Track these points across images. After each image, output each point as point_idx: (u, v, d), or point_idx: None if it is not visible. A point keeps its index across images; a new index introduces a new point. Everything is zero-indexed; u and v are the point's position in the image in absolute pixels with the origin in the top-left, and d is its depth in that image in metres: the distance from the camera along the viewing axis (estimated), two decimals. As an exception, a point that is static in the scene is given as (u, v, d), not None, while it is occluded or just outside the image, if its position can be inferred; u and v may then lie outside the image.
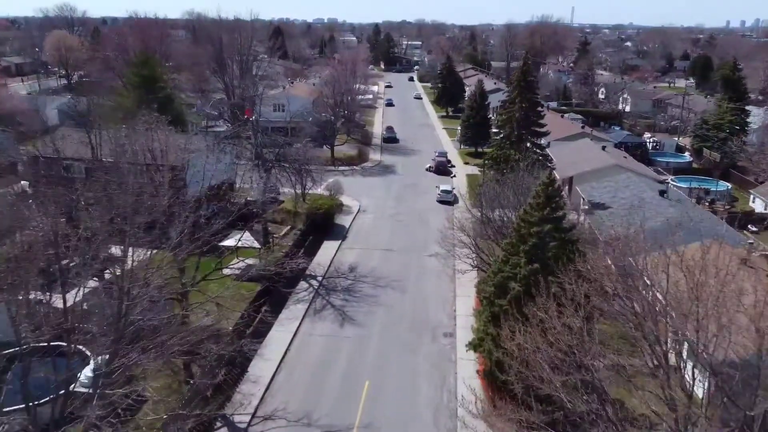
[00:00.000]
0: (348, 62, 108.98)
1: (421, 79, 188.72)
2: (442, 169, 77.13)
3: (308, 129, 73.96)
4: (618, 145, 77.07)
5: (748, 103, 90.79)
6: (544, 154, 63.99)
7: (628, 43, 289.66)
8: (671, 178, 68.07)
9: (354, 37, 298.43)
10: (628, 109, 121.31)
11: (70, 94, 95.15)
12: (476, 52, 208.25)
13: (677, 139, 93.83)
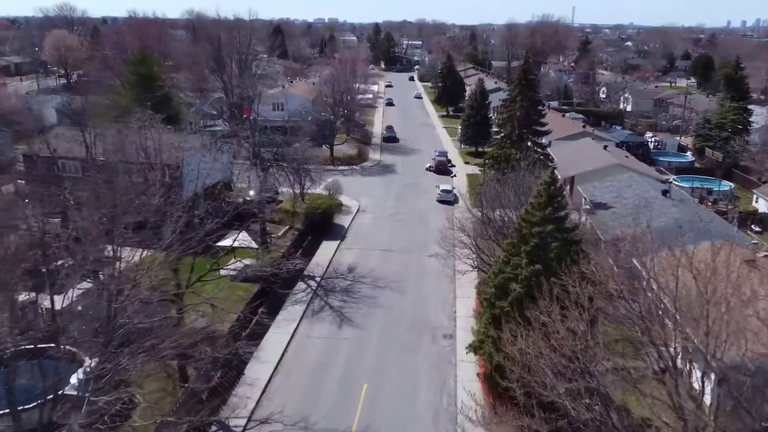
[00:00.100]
0: (348, 61, 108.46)
1: (422, 79, 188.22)
2: (443, 168, 76.61)
3: (307, 128, 73.41)
4: (620, 145, 76.47)
5: (750, 103, 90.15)
6: (545, 153, 63.41)
7: (629, 43, 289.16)
8: (673, 178, 67.48)
9: (354, 37, 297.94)
10: (629, 108, 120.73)
11: (68, 94, 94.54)
12: (477, 52, 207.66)
13: (679, 139, 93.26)
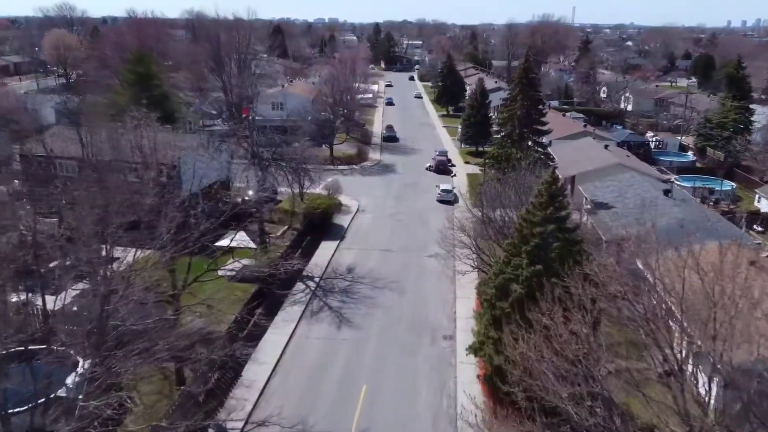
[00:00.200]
0: (348, 61, 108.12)
1: (422, 79, 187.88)
2: (443, 168, 76.24)
3: (307, 128, 73.08)
4: (620, 144, 76.07)
5: (751, 102, 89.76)
6: (546, 152, 63.05)
7: (630, 43, 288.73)
8: (674, 178, 67.09)
9: (354, 37, 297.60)
10: (630, 108, 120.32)
11: (67, 93, 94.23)
12: (477, 52, 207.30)
13: (680, 138, 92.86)
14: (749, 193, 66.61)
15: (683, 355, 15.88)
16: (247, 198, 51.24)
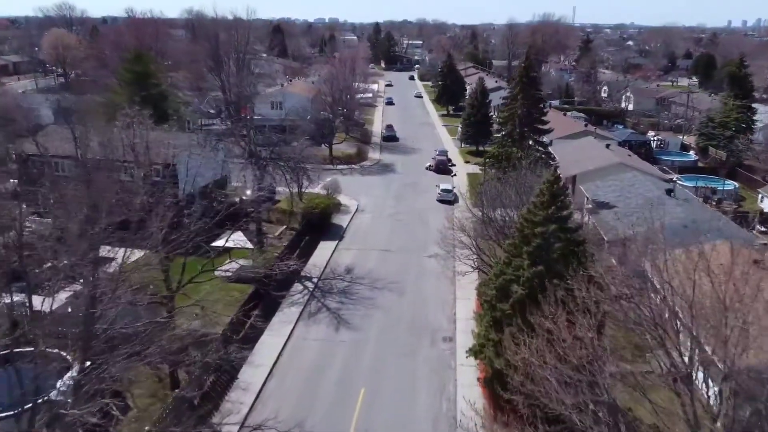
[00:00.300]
0: (347, 60, 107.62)
1: (422, 78, 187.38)
2: (443, 167, 75.69)
3: (306, 127, 72.53)
4: (622, 144, 75.60)
5: (753, 101, 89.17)
6: (547, 152, 62.48)
7: (630, 42, 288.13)
8: (676, 177, 66.52)
9: (354, 36, 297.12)
10: (631, 107, 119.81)
11: (65, 92, 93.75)
12: (477, 51, 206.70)
13: (682, 138, 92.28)
14: (752, 193, 66.05)
15: (693, 361, 15.30)
16: (244, 198, 50.67)
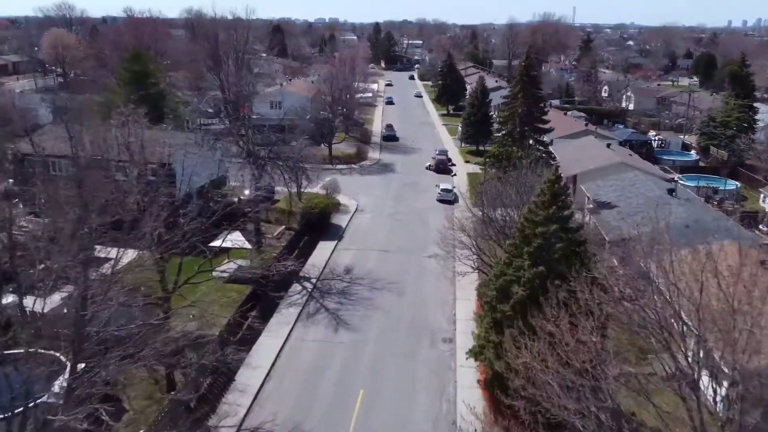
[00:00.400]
0: (347, 60, 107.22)
1: (422, 78, 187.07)
2: (443, 167, 75.31)
3: (305, 126, 72.13)
4: (623, 143, 75.26)
5: (755, 100, 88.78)
6: (548, 151, 62.14)
7: (630, 42, 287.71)
8: (677, 177, 66.14)
9: (354, 36, 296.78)
10: (631, 107, 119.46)
11: (65, 92, 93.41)
12: (477, 51, 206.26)
13: (683, 137, 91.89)
14: (754, 193, 65.70)
15: (699, 365, 14.90)
16: (242, 197, 50.31)
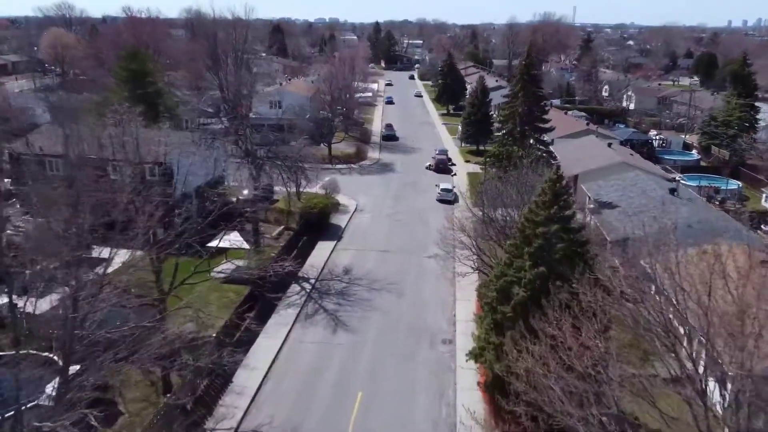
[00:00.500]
0: (347, 59, 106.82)
1: (422, 78, 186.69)
2: (443, 167, 74.93)
3: (305, 126, 71.73)
4: (624, 143, 74.87)
5: (756, 100, 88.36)
6: (548, 150, 61.73)
7: (631, 42, 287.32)
8: (679, 176, 65.72)
9: (354, 36, 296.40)
10: (632, 106, 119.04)
11: (60, 92, 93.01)
12: (477, 50, 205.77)
13: (684, 137, 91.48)
14: (755, 193, 65.31)
15: (706, 369, 14.50)
16: (241, 197, 49.92)
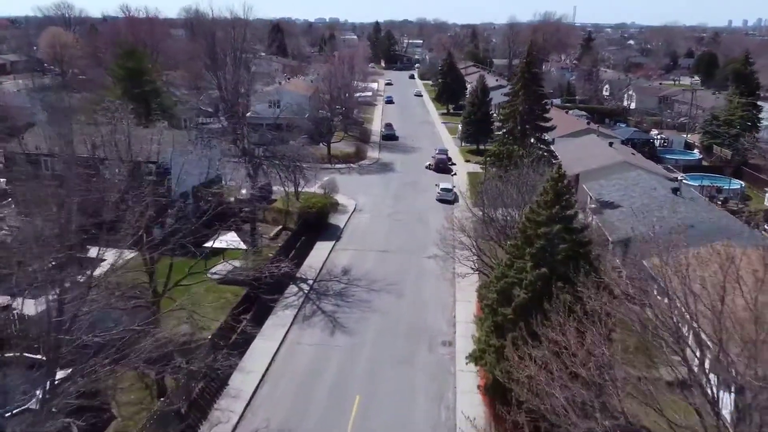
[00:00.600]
0: (346, 58, 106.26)
1: (422, 77, 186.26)
2: (442, 166, 74.39)
3: (304, 125, 71.15)
4: (625, 142, 74.32)
5: (759, 99, 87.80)
6: (549, 149, 61.15)
7: (631, 42, 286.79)
8: (681, 176, 65.16)
9: (354, 36, 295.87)
10: (633, 106, 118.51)
11: (58, 91, 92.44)
12: (478, 50, 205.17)
13: (686, 136, 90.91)
14: (758, 192, 64.73)
15: (719, 378, 13.93)
16: (239, 197, 49.38)
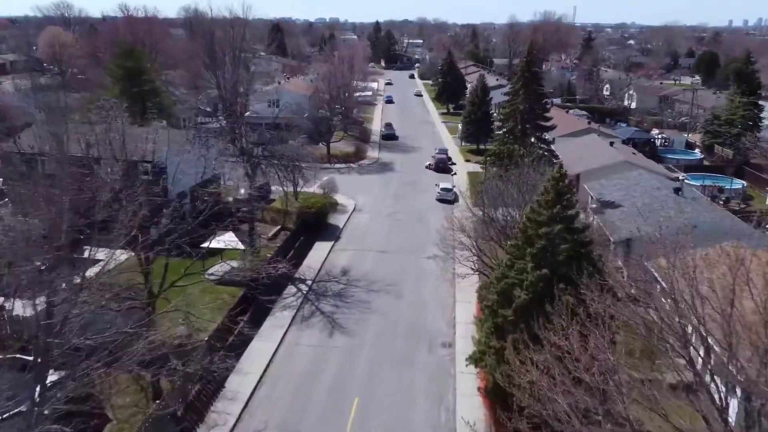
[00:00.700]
0: (346, 58, 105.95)
1: (422, 77, 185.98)
2: (442, 166, 74.06)
3: (303, 125, 70.82)
4: (626, 142, 73.96)
5: (760, 98, 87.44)
6: (550, 149, 60.79)
7: (632, 41, 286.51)
8: (682, 176, 64.76)
9: (355, 36, 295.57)
10: (634, 105, 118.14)
11: (57, 90, 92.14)
12: (478, 50, 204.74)
13: (687, 136, 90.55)
14: (760, 192, 64.39)
15: (728, 382, 13.58)
16: (237, 197, 49.05)
